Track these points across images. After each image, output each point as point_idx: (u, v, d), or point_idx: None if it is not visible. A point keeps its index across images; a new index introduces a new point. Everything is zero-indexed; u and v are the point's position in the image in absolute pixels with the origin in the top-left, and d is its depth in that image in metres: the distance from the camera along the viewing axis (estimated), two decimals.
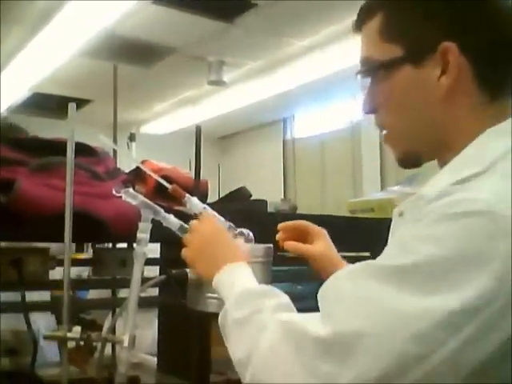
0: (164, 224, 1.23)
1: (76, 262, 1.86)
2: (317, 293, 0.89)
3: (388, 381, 0.68)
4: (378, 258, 0.77)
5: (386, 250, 0.78)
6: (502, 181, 0.74)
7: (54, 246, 1.81)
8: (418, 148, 0.91)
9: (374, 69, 0.92)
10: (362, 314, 0.71)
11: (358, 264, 0.78)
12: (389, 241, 0.87)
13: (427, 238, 0.72)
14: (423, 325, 0.67)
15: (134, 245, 1.25)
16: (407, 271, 0.71)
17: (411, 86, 0.88)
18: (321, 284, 0.84)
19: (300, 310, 0.93)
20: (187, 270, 1.26)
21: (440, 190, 0.77)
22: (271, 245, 1.27)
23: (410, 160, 0.94)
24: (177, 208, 1.39)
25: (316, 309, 0.85)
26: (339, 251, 2.87)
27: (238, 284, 0.97)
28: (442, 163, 0.88)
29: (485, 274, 0.67)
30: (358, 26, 0.95)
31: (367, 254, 2.78)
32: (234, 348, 0.88)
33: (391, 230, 0.91)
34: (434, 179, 0.85)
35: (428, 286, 0.69)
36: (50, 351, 2.09)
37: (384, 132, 0.95)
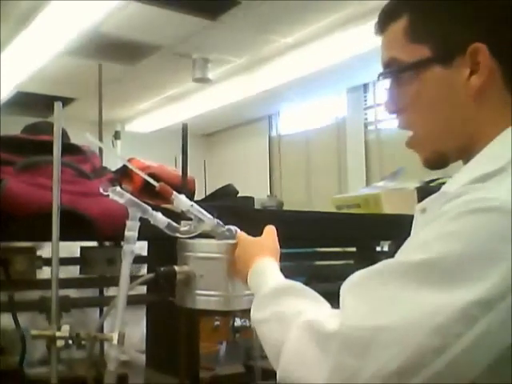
0: (152, 222, 1.24)
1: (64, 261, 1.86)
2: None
3: (407, 374, 0.69)
4: (397, 255, 0.79)
5: (405, 247, 0.80)
6: None
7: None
8: (446, 148, 0.91)
9: (400, 70, 0.92)
10: (381, 309, 0.73)
11: (378, 264, 0.79)
12: (411, 236, 0.88)
13: (443, 235, 0.74)
14: (441, 318, 0.68)
15: (122, 243, 1.26)
16: (424, 267, 0.72)
17: (440, 86, 0.88)
18: (307, 280, 0.85)
19: None
20: (175, 268, 1.27)
21: (460, 187, 0.79)
22: None
23: (438, 161, 0.94)
24: (164, 206, 1.39)
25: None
26: (326, 247, 2.88)
27: (263, 283, 1.04)
28: (466, 161, 0.89)
29: (498, 269, 0.69)
30: (381, 28, 0.95)
31: (353, 249, 2.81)
32: (265, 347, 0.93)
33: (413, 225, 0.92)
34: (456, 176, 0.86)
35: (445, 281, 0.70)
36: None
37: (410, 134, 0.95)
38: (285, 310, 0.90)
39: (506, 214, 0.70)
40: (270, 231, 1.24)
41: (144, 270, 1.78)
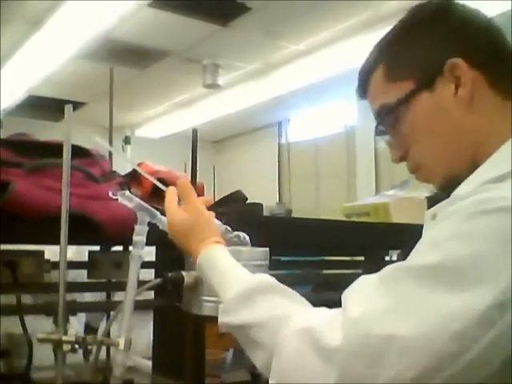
0: (160, 227, 1.23)
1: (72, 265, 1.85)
2: (311, 297, 0.89)
3: (423, 379, 0.68)
4: (408, 259, 0.77)
5: (416, 250, 0.79)
6: None
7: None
8: (457, 168, 0.92)
9: (392, 111, 0.95)
10: (392, 315, 0.71)
11: (387, 267, 0.77)
12: (420, 240, 0.88)
13: (456, 236, 0.73)
14: (459, 324, 0.68)
15: (130, 247, 1.26)
16: (438, 270, 0.71)
17: (433, 110, 0.91)
18: (314, 288, 0.84)
19: None
20: (183, 273, 1.26)
21: (471, 190, 0.79)
22: (267, 248, 1.27)
23: (452, 183, 0.93)
24: None
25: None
26: (334, 255, 2.87)
27: (231, 279, 0.97)
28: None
29: None
30: (363, 87, 1.02)
31: (361, 258, 2.79)
32: (249, 353, 0.88)
33: (424, 232, 0.91)
34: (466, 181, 0.87)
35: (459, 283, 0.69)
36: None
37: (419, 169, 0.97)
38: (268, 313, 0.85)
39: None
40: (194, 200, 1.12)
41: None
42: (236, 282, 0.95)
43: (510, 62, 0.92)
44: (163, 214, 1.25)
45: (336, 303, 0.89)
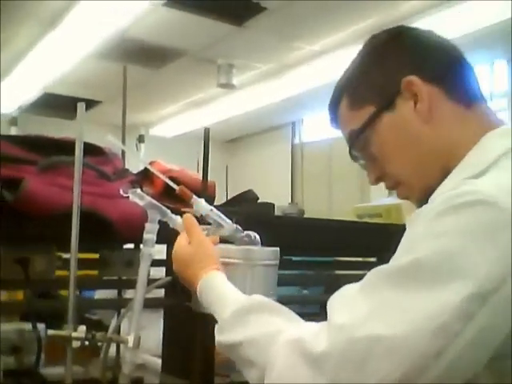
0: (171, 225, 1.23)
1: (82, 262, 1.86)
2: (322, 297, 0.89)
3: (410, 380, 0.69)
4: (388, 263, 0.78)
5: (395, 254, 0.80)
6: (504, 175, 0.77)
7: None
8: (431, 177, 0.93)
9: (359, 135, 0.99)
10: (375, 318, 0.72)
11: (368, 274, 0.79)
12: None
13: (428, 234, 0.74)
14: (438, 320, 0.68)
15: (141, 245, 1.26)
16: (413, 269, 0.72)
17: (397, 127, 0.95)
18: (326, 289, 0.84)
19: (306, 314, 0.93)
20: None
21: (445, 191, 0.80)
22: (278, 248, 1.26)
23: (429, 195, 0.93)
24: (184, 210, 1.39)
25: (320, 314, 0.85)
26: (346, 256, 2.86)
27: (225, 302, 0.98)
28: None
29: (487, 263, 0.69)
30: (334, 118, 1.08)
31: (373, 259, 2.78)
32: (246, 375, 0.89)
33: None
34: (440, 186, 0.89)
35: (434, 280, 0.70)
36: None
37: (400, 184, 1.00)
38: (260, 331, 0.87)
39: (491, 206, 0.71)
40: (197, 233, 1.15)
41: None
42: (231, 302, 0.96)
43: (466, 74, 0.97)
44: (174, 212, 1.25)
45: None
